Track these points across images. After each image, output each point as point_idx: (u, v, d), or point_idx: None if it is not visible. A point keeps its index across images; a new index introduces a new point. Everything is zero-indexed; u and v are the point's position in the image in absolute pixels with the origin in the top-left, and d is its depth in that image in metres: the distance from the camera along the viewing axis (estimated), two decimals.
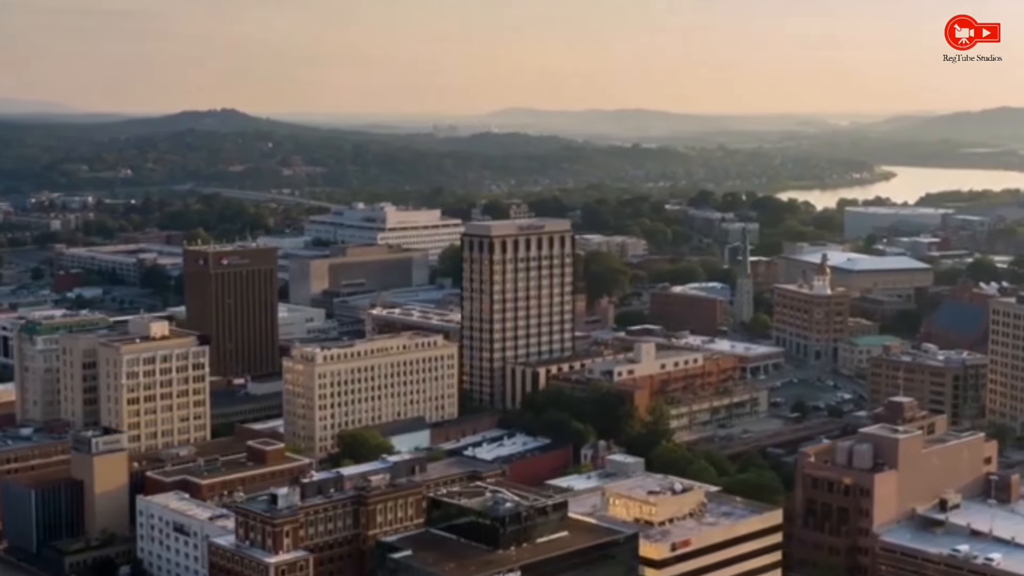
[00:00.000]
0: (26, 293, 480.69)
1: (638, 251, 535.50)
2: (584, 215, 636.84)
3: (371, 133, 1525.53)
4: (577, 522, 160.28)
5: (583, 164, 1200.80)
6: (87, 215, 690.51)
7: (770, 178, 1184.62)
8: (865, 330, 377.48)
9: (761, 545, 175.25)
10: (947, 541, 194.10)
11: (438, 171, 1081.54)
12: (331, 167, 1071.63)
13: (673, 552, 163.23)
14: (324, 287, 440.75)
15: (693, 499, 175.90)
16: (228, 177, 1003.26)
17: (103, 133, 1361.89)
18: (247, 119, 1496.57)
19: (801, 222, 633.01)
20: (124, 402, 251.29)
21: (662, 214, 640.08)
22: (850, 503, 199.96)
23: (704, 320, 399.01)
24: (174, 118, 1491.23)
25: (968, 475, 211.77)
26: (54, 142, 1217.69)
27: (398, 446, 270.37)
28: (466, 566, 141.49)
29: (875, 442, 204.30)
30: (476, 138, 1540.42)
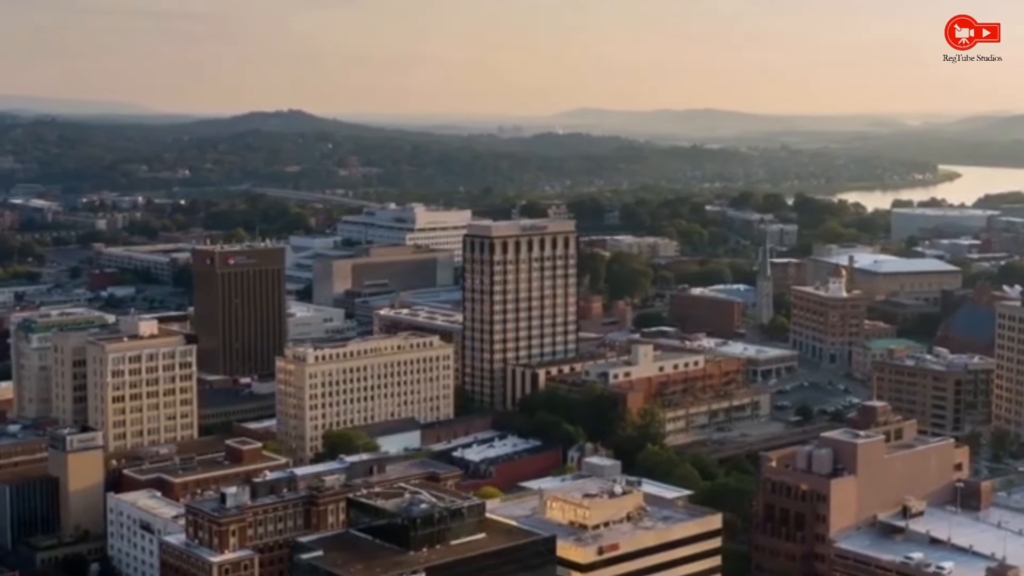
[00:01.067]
0: (60, 292, 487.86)
1: (669, 252, 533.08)
2: (622, 216, 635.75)
3: (435, 134, 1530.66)
4: (497, 524, 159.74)
5: (641, 165, 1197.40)
6: (134, 215, 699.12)
7: (829, 179, 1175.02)
8: (882, 333, 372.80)
9: (698, 550, 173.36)
10: (904, 548, 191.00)
11: (494, 172, 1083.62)
12: (387, 168, 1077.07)
13: (600, 556, 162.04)
14: (347, 287, 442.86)
15: (631, 503, 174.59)
16: (284, 177, 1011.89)
17: (168, 134, 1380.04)
18: (313, 120, 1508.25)
19: (842, 224, 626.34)
20: (109, 400, 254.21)
21: (702, 215, 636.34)
22: (807, 509, 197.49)
23: (722, 322, 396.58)
24: (241, 119, 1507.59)
25: (936, 482, 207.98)
26: (121, 142, 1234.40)
27: (388, 447, 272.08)
28: (372, 567, 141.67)
29: (835, 447, 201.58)
30: (538, 139, 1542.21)
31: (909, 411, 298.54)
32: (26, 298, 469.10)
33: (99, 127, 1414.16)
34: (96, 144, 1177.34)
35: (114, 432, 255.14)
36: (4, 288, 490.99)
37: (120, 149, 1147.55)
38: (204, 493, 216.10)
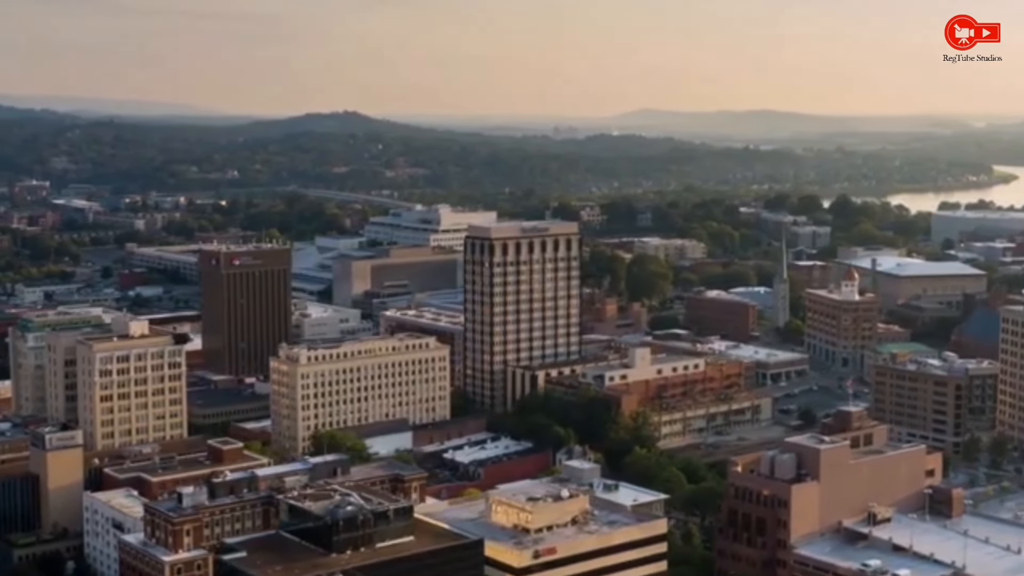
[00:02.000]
0: (90, 291, 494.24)
1: (696, 254, 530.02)
2: (655, 218, 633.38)
3: (488, 135, 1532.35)
4: (428, 527, 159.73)
5: (692, 166, 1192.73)
6: (174, 215, 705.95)
7: (880, 180, 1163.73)
8: (896, 337, 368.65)
9: (641, 555, 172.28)
10: (866, 555, 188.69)
11: (542, 173, 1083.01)
12: (433, 169, 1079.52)
13: (536, 559, 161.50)
14: (366, 288, 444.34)
15: (576, 507, 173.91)
16: (331, 178, 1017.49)
17: (224, 135, 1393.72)
18: (367, 121, 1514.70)
19: (877, 226, 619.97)
20: (97, 399, 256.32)
21: (734, 217, 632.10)
22: (768, 514, 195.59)
23: (737, 325, 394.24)
24: (298, 120, 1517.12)
25: (907, 488, 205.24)
26: (176, 144, 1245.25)
27: (379, 448, 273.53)
28: (292, 569, 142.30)
29: (798, 452, 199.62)
30: (592, 140, 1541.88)
31: (910, 416, 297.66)
32: (55, 297, 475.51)
33: (157, 128, 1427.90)
34: (150, 145, 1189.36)
35: (102, 431, 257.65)
36: (35, 287, 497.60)
37: (173, 150, 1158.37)
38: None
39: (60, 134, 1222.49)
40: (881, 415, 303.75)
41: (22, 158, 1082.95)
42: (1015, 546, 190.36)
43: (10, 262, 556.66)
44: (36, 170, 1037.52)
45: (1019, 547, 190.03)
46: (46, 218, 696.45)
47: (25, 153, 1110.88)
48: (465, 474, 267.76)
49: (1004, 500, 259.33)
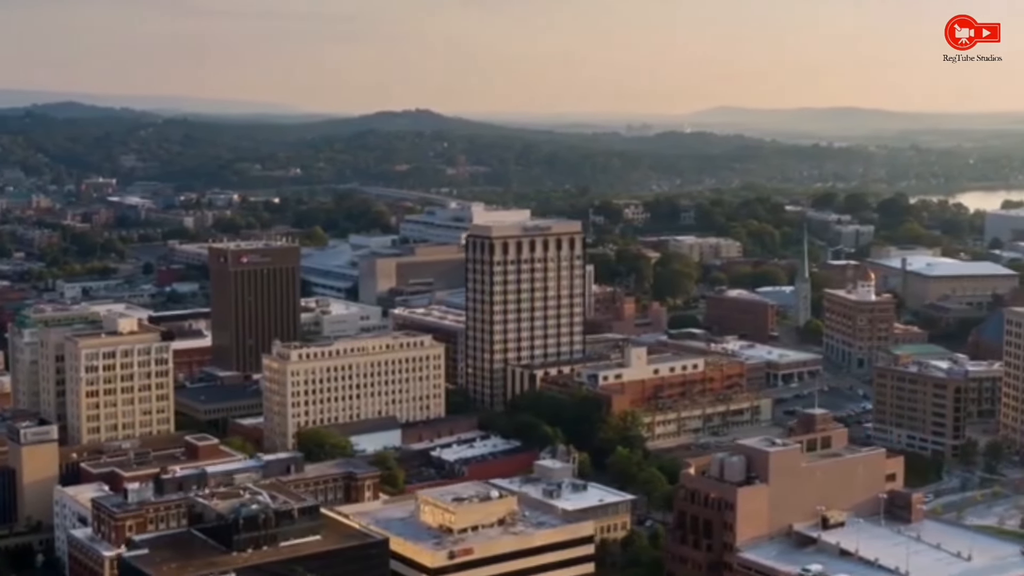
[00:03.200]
0: (128, 287, 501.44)
1: (732, 253, 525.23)
2: (697, 216, 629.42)
3: (559, 133, 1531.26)
4: (339, 527, 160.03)
5: (757, 164, 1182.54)
6: (224, 213, 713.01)
7: (951, 178, 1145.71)
8: (913, 338, 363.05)
9: (565, 557, 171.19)
10: (811, 560, 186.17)
11: (603, 171, 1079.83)
12: (494, 167, 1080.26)
13: (451, 560, 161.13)
14: (391, 286, 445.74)
15: (503, 507, 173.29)
16: (392, 176, 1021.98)
17: (294, 133, 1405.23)
18: (438, 119, 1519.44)
19: (925, 225, 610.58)
20: (83, 395, 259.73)
21: (778, 216, 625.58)
22: (715, 517, 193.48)
23: (756, 324, 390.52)
24: (369, 118, 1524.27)
25: (865, 492, 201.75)
26: (245, 142, 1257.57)
27: (366, 445, 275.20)
28: (187, 567, 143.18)
29: (748, 455, 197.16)
30: (662, 137, 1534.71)
31: (911, 418, 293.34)
32: (91, 292, 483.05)
33: (230, 127, 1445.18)
34: (219, 144, 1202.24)
35: (88, 426, 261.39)
36: (75, 283, 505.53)
37: (241, 148, 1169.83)
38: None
39: (131, 132, 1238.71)
40: (882, 417, 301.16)
41: (92, 156, 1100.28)
42: (966, 552, 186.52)
43: (56, 258, 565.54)
44: (105, 167, 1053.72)
45: (969, 554, 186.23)
46: (99, 215, 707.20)
47: (96, 151, 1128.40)
48: (450, 472, 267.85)
49: (992, 505, 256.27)
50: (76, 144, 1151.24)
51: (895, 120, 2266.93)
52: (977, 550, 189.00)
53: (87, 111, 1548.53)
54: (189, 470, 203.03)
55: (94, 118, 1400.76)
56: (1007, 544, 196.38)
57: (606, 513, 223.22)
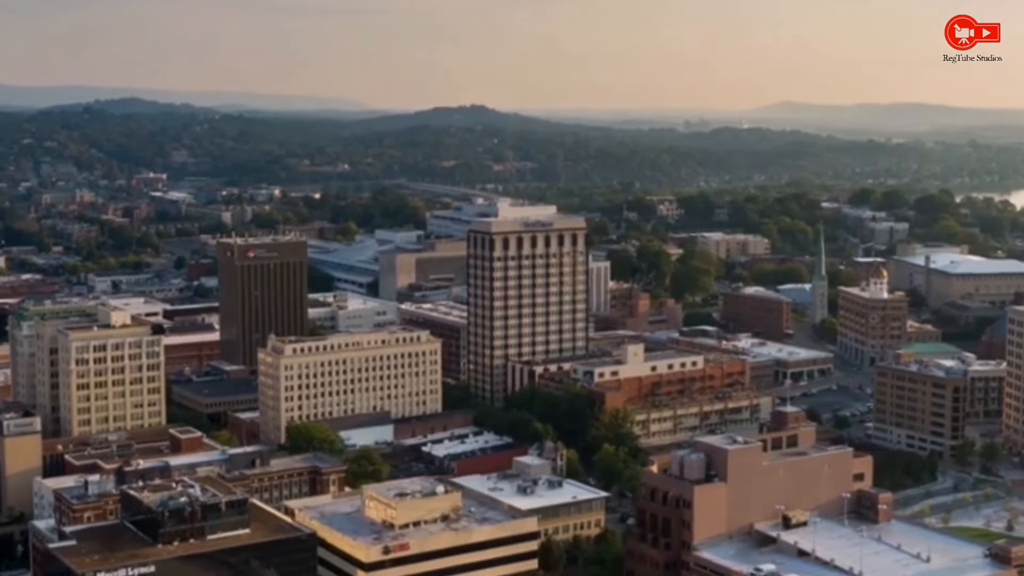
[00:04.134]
0: (157, 281, 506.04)
1: (759, 250, 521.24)
2: (731, 212, 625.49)
3: (614, 128, 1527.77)
4: (272, 521, 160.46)
5: (810, 160, 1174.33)
6: (263, 208, 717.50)
7: (1006, 176, 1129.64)
8: (926, 337, 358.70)
9: (507, 553, 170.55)
10: (767, 560, 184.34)
11: (652, 167, 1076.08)
12: (542, 163, 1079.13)
13: (386, 555, 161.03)
14: (411, 281, 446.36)
15: (447, 503, 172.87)
16: (439, 172, 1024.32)
17: (349, 129, 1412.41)
18: (493, 115, 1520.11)
19: (962, 222, 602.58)
20: (73, 387, 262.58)
21: (812, 212, 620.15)
22: (673, 515, 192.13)
23: (771, 322, 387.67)
24: (424, 114, 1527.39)
25: (831, 492, 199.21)
26: (298, 137, 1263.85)
27: (358, 440, 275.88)
28: (109, 559, 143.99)
29: (708, 452, 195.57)
30: (718, 133, 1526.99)
31: (910, 418, 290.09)
32: (121, 286, 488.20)
33: (285, 122, 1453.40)
34: (271, 139, 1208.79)
35: (79, 418, 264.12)
36: (106, 276, 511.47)
37: (292, 144, 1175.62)
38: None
39: (186, 128, 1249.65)
40: (882, 417, 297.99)
41: (145, 151, 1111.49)
42: (925, 554, 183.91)
43: (91, 252, 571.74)
44: (157, 163, 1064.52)
45: (928, 555, 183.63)
46: (140, 210, 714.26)
47: (150, 146, 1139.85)
48: (439, 468, 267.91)
49: (980, 507, 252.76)
50: (131, 140, 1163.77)
51: (958, 116, 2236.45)
52: (938, 552, 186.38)
53: (147, 107, 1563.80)
54: (153, 463, 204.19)
55: (151, 114, 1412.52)
56: (973, 546, 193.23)
57: (579, 510, 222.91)
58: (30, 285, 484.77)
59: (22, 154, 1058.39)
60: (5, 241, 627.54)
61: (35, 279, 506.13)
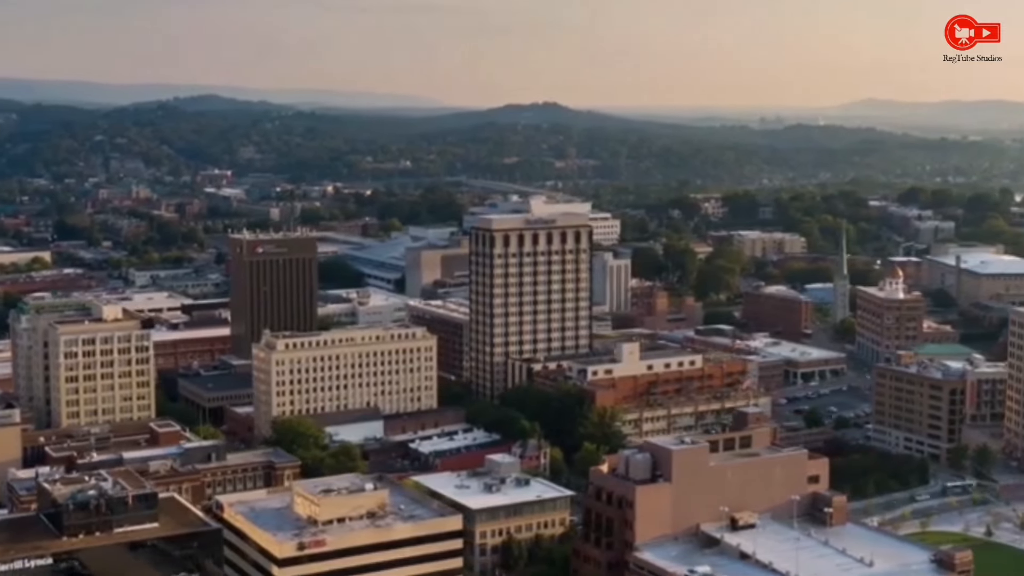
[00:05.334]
0: (194, 276, 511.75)
1: (796, 249, 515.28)
2: (776, 211, 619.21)
3: (685, 126, 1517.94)
4: (183, 514, 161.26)
5: (878, 157, 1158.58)
6: (312, 204, 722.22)
7: None
8: (943, 338, 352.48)
9: (428, 551, 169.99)
10: (708, 561, 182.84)
11: (715, 164, 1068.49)
12: (605, 160, 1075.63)
13: (300, 551, 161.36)
14: (436, 278, 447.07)
15: (373, 500, 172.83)
16: (500, 169, 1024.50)
17: (417, 126, 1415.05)
18: (565, 112, 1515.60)
19: (1010, 221, 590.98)
20: (62, 380, 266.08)
21: (860, 211, 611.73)
22: (617, 515, 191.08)
23: (791, 321, 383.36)
24: (496, 111, 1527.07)
25: (784, 493, 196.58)
26: (366, 134, 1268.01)
27: (348, 436, 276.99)
28: (9, 550, 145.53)
29: (654, 453, 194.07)
30: (791, 130, 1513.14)
31: (908, 420, 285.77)
32: (158, 281, 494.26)
33: (356, 120, 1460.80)
34: (338, 136, 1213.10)
35: (67, 411, 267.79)
36: (146, 271, 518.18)
37: (358, 141, 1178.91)
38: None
39: (255, 125, 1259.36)
40: (881, 419, 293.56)
41: (213, 148, 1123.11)
42: (869, 558, 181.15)
43: (136, 247, 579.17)
44: (224, 159, 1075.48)
45: (872, 560, 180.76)
46: (192, 205, 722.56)
47: (218, 143, 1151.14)
48: (424, 464, 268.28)
49: (964, 512, 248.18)
50: (200, 137, 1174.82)
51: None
52: (884, 556, 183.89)
53: (224, 104, 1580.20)
54: (106, 456, 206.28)
55: (224, 111, 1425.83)
56: (921, 551, 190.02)
57: (543, 509, 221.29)
58: (70, 279, 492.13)
59: (93, 150, 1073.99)
60: (58, 236, 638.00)
61: (76, 273, 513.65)
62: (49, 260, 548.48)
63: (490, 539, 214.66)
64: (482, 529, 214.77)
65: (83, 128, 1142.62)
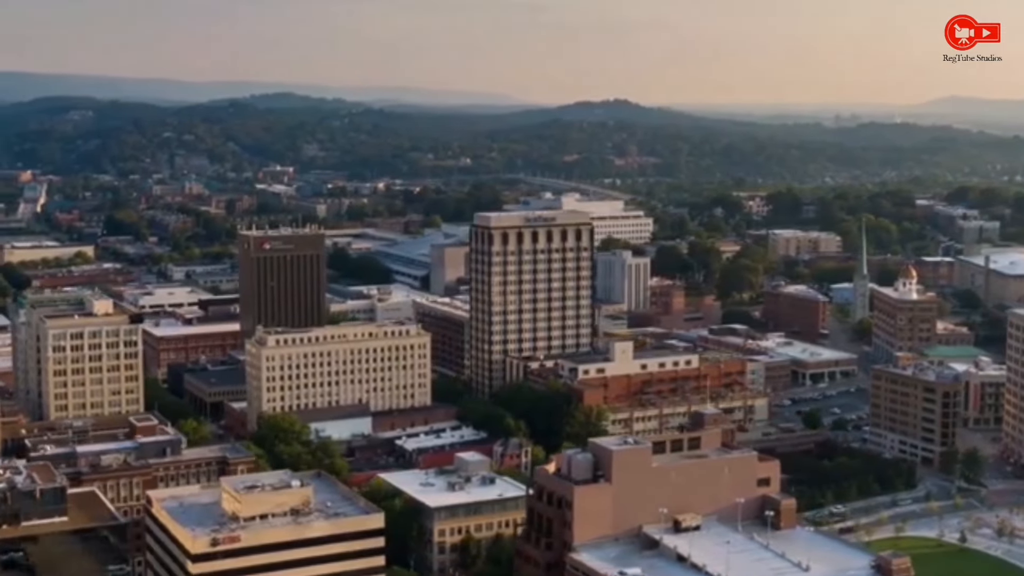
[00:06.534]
0: (229, 272, 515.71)
1: (831, 248, 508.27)
2: (819, 210, 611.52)
3: (759, 123, 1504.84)
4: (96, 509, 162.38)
5: (948, 156, 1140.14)
6: (359, 201, 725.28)
7: None
8: (959, 339, 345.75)
9: (348, 549, 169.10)
10: (644, 563, 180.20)
11: (778, 163, 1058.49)
12: (665, 158, 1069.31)
13: (213, 547, 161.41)
14: (459, 275, 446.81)
15: (297, 497, 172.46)
16: (559, 166, 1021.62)
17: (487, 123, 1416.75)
18: (635, 109, 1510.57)
19: None
20: (50, 373, 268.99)
21: (905, 211, 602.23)
22: (556, 515, 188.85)
23: (809, 321, 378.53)
24: (568, 108, 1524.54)
25: (732, 496, 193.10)
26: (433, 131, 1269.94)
27: (335, 432, 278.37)
28: None
29: (596, 453, 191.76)
30: (864, 128, 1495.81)
31: (903, 423, 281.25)
32: (193, 276, 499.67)
33: (425, 117, 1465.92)
34: (402, 133, 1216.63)
35: (56, 404, 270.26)
36: (184, 266, 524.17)
37: (421, 138, 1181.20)
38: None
39: (323, 122, 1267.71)
40: (877, 421, 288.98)
41: (278, 145, 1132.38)
42: (806, 563, 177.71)
43: (178, 243, 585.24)
44: (288, 156, 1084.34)
45: (808, 564, 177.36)
46: (242, 202, 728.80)
47: (284, 140, 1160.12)
48: (408, 461, 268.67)
49: (945, 517, 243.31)
50: (267, 134, 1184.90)
51: None
52: (824, 561, 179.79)
53: (298, 101, 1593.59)
54: (62, 449, 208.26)
55: (294, 108, 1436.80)
56: (865, 556, 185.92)
57: (503, 508, 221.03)
58: (106, 274, 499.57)
59: (160, 147, 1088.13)
60: (107, 231, 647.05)
61: (114, 268, 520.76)
62: (92, 255, 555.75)
63: (449, 537, 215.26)
64: (440, 527, 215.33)
65: (152, 125, 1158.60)
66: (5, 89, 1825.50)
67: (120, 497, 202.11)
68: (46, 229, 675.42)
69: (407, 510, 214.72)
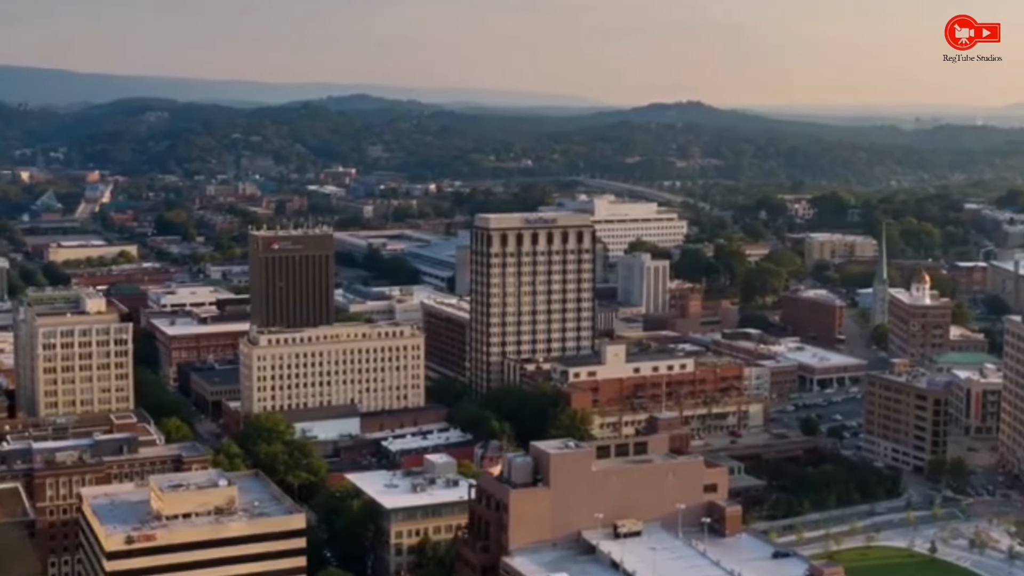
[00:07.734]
0: None
1: (867, 252, 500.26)
2: (863, 213, 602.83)
3: (834, 125, 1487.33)
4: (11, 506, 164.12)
5: (1020, 159, 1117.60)
6: (409, 202, 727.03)
7: None
8: (972, 345, 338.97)
9: (269, 549, 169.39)
10: (581, 569, 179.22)
11: (844, 165, 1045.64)
12: (728, 160, 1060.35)
13: (128, 545, 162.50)
14: None
15: (221, 497, 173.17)
16: (620, 168, 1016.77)
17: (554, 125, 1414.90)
18: (708, 111, 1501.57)
19: None
20: (40, 371, 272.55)
21: (950, 215, 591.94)
22: (494, 519, 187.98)
23: (826, 326, 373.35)
24: (642, 110, 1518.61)
25: (676, 501, 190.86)
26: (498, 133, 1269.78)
27: (323, 432, 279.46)
28: None
29: (536, 456, 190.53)
30: (940, 130, 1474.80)
31: (895, 431, 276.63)
32: (229, 276, 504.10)
33: (494, 119, 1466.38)
34: (467, 135, 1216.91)
35: (46, 400, 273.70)
36: (221, 266, 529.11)
37: (486, 140, 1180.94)
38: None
39: (390, 124, 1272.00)
40: (871, 429, 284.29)
41: (343, 146, 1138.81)
42: (739, 570, 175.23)
43: (220, 242, 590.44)
44: (352, 157, 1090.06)
45: (741, 572, 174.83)
46: (292, 202, 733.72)
47: (349, 141, 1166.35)
48: (391, 462, 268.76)
49: (920, 527, 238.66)
50: (334, 135, 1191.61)
51: None
52: (759, 570, 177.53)
53: (372, 103, 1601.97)
54: (17, 445, 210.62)
55: (365, 109, 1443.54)
56: (801, 565, 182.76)
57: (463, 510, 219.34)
58: (144, 273, 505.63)
59: (227, 148, 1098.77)
60: (158, 231, 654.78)
61: (154, 267, 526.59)
62: (135, 254, 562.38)
63: (406, 539, 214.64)
64: (397, 528, 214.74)
65: (222, 126, 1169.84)
66: (90, 91, 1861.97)
67: (72, 494, 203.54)
68: (100, 229, 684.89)
69: (365, 511, 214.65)
